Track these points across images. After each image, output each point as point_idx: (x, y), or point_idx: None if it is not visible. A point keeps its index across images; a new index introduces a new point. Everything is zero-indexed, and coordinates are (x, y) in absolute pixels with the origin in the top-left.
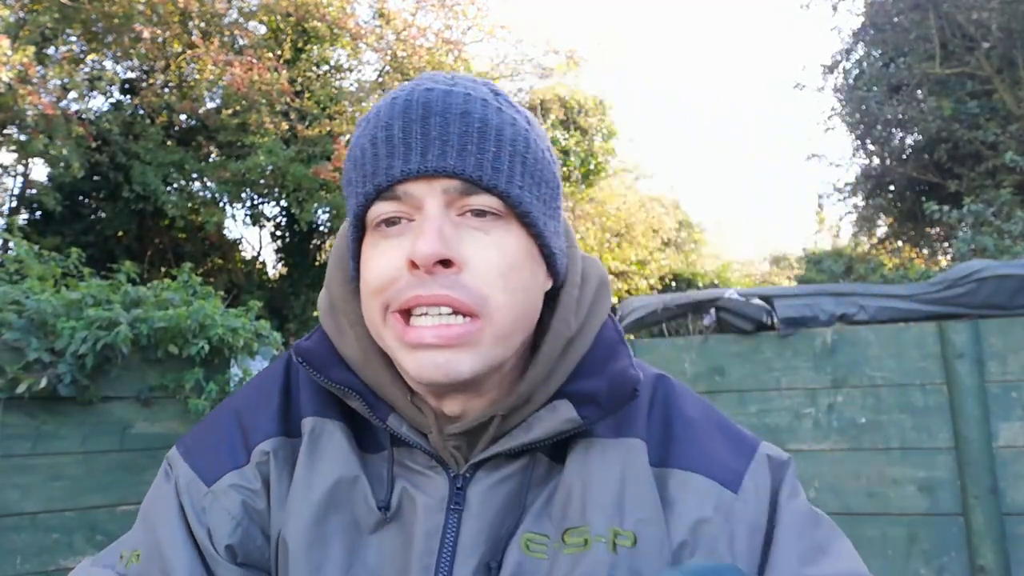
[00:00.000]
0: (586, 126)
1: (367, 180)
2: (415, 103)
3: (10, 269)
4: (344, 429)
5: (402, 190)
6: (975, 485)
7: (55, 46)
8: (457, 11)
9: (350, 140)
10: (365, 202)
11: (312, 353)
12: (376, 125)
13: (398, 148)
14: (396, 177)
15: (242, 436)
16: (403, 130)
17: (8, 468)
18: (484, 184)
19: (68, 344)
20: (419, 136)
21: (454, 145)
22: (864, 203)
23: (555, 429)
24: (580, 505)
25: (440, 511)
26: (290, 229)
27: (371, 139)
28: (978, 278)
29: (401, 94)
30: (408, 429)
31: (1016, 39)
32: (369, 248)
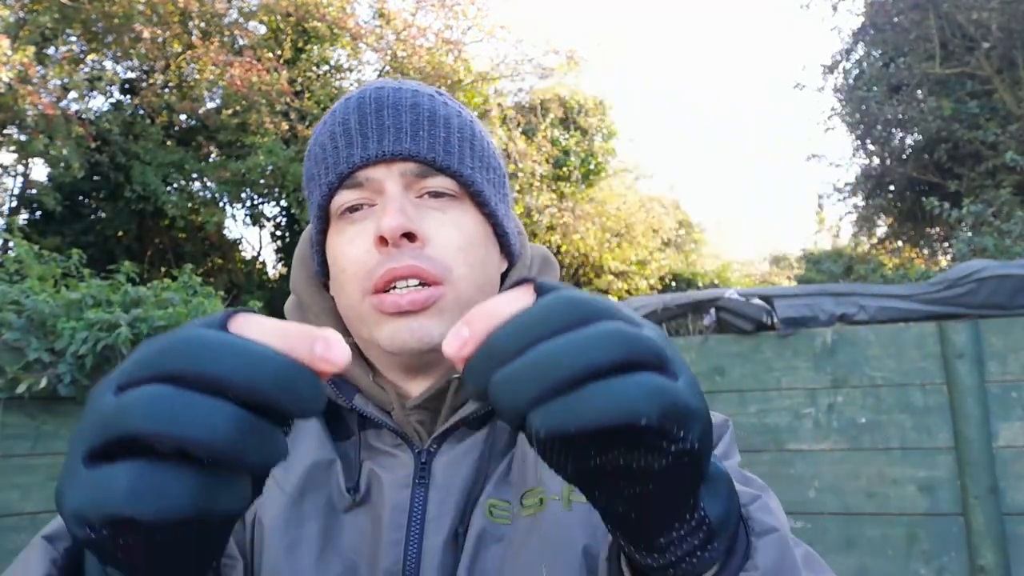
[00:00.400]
0: (586, 126)
1: (329, 171)
2: (368, 99)
3: (10, 269)
4: (319, 417)
5: (363, 176)
6: (975, 485)
7: (55, 46)
8: (457, 11)
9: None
10: (329, 192)
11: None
12: (333, 122)
13: (355, 138)
14: (356, 163)
15: None
16: (359, 122)
17: (8, 468)
18: (438, 165)
19: (68, 344)
20: (374, 126)
21: (407, 131)
22: (864, 203)
23: None
24: (534, 467)
25: (406, 487)
26: (290, 229)
27: (330, 135)
28: (978, 278)
29: (353, 95)
30: (373, 408)
31: (1016, 39)
32: (336, 236)
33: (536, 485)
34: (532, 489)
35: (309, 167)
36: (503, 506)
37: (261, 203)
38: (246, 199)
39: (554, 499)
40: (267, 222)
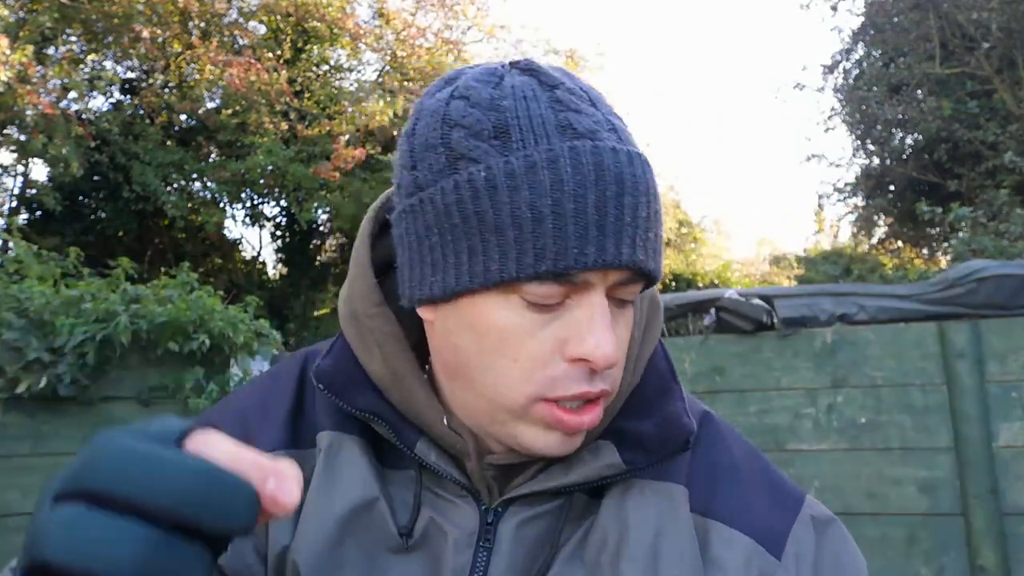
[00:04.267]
0: None
1: (544, 257)
2: (608, 172)
3: (10, 269)
4: (363, 445)
5: (581, 277)
6: (975, 485)
7: (55, 46)
8: (457, 11)
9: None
10: (533, 276)
11: (334, 376)
12: (561, 189)
13: (591, 231)
14: (587, 266)
15: (244, 440)
16: (597, 208)
17: (8, 468)
18: (652, 276)
19: (67, 340)
20: (613, 219)
21: (642, 233)
22: (864, 203)
23: (595, 474)
24: (614, 553)
25: (469, 547)
26: (290, 229)
27: (554, 204)
28: (978, 278)
29: (583, 148)
30: (438, 457)
31: (1016, 39)
32: (508, 315)
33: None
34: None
35: (493, 215)
36: None
37: (261, 203)
38: (246, 199)
39: None
40: (267, 222)
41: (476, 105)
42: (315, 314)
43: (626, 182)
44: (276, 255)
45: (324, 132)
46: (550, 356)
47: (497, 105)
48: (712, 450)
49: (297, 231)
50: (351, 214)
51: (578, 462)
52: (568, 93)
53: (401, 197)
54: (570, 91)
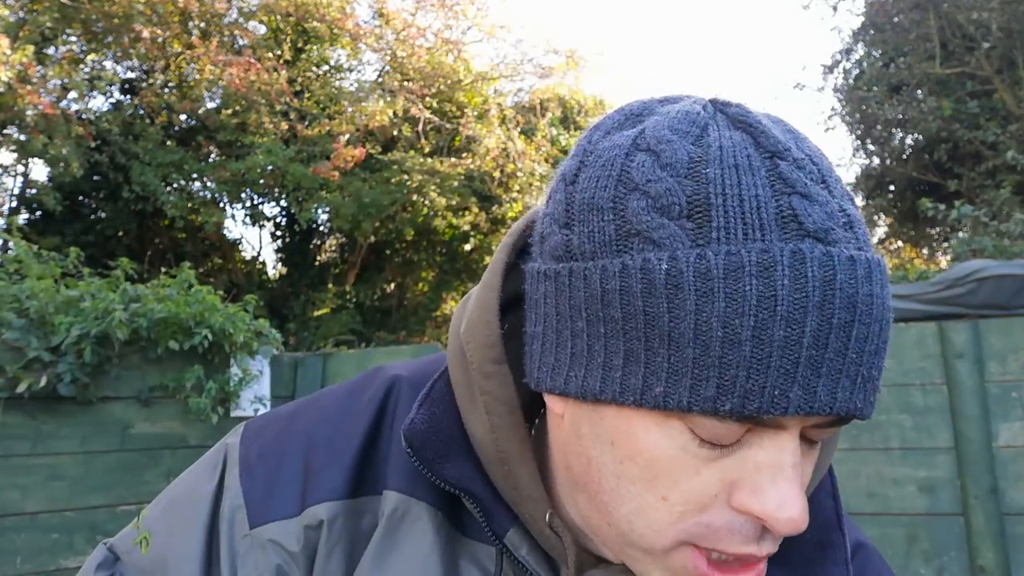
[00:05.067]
0: (586, 126)
1: (731, 393)
2: (839, 292)
3: (10, 269)
4: (435, 515)
5: (774, 420)
6: (975, 485)
7: (55, 46)
8: (457, 11)
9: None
10: (711, 411)
11: (427, 439)
12: (770, 306)
13: (801, 369)
14: (787, 412)
15: (303, 477)
16: (816, 339)
17: (8, 468)
18: (863, 417)
19: (65, 338)
20: (834, 355)
21: (865, 373)
22: (864, 203)
23: None
24: None
25: None
26: (290, 229)
27: (756, 328)
28: (978, 278)
29: (812, 255)
30: (529, 552)
31: (1016, 39)
32: (668, 443)
33: None
34: None
35: (669, 322)
36: None
37: (261, 203)
38: (246, 199)
39: None
40: (267, 222)
41: (668, 167)
42: (315, 314)
43: (859, 307)
44: (276, 255)
45: (324, 132)
46: (712, 499)
47: (697, 173)
48: None
49: (297, 231)
50: (351, 214)
51: None
52: (795, 167)
53: (546, 255)
54: (797, 163)
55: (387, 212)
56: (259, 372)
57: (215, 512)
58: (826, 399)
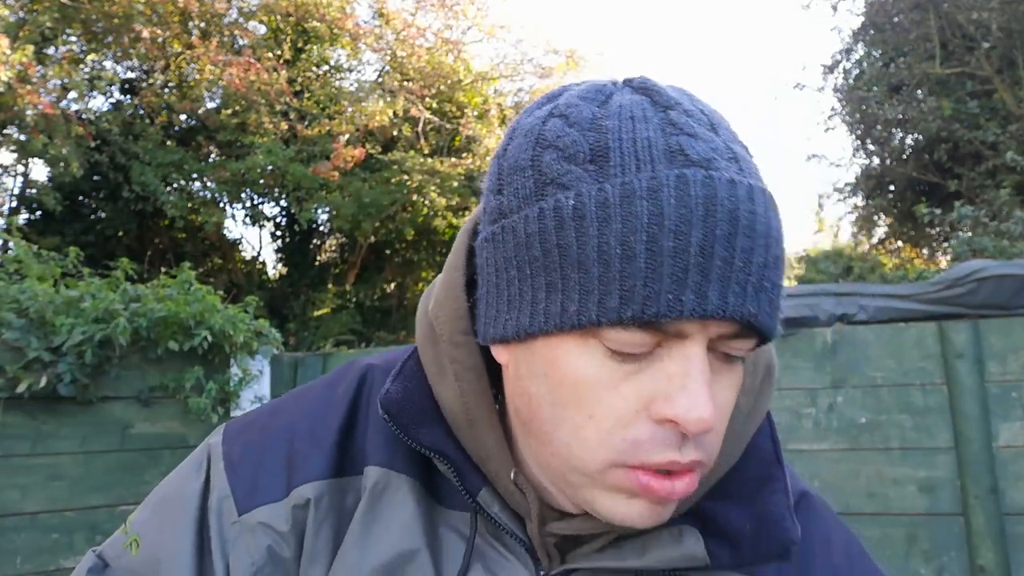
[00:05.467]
0: None
1: (632, 300)
2: (720, 207)
3: (10, 269)
4: (414, 486)
5: (674, 327)
6: (975, 485)
7: (55, 46)
8: (457, 11)
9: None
10: (617, 321)
11: (402, 406)
12: (658, 221)
13: (692, 275)
14: (682, 315)
15: (287, 464)
16: (701, 250)
17: (8, 468)
18: (765, 331)
19: (66, 340)
20: (721, 263)
21: (754, 282)
22: (864, 203)
23: (672, 562)
24: None
25: None
26: (290, 229)
27: (649, 240)
28: (978, 278)
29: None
30: (500, 510)
31: (1016, 39)
32: (587, 364)
33: None
34: None
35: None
36: None
37: (261, 203)
38: (246, 199)
39: None
40: (267, 222)
41: (575, 124)
42: (315, 314)
43: (741, 220)
44: (276, 255)
45: (324, 132)
46: (634, 415)
47: (598, 125)
48: (808, 540)
49: (297, 231)
50: (351, 214)
51: (656, 544)
52: (684, 115)
53: (485, 223)
54: (687, 112)
55: (387, 212)
56: (259, 372)
57: (203, 507)
58: (717, 303)
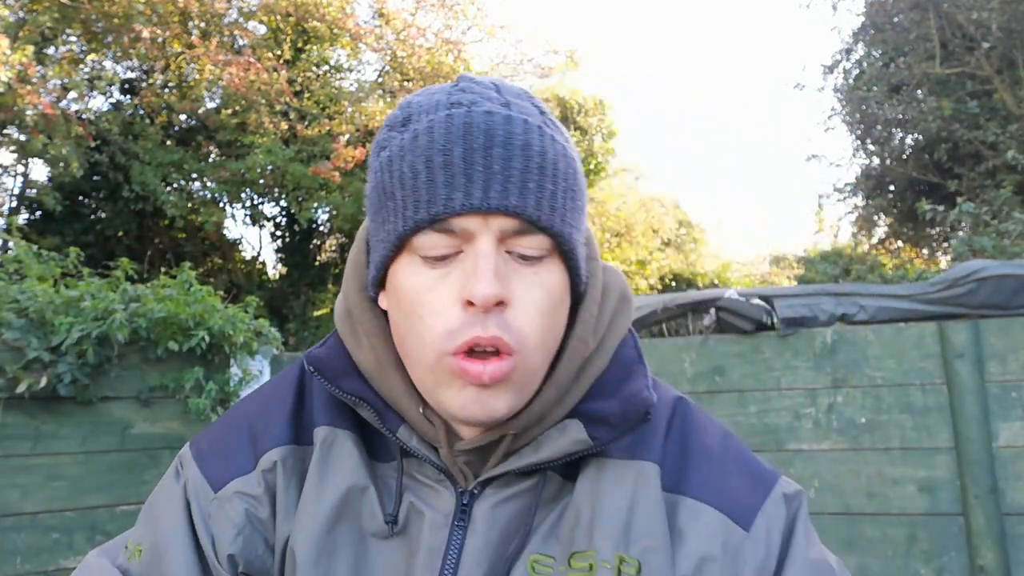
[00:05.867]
0: (586, 126)
1: (420, 206)
2: (476, 128)
3: (10, 269)
4: (355, 439)
5: (458, 224)
6: (975, 485)
7: (55, 46)
8: (457, 11)
9: (386, 145)
10: (415, 227)
11: (324, 362)
12: (431, 145)
13: (458, 178)
14: (455, 211)
15: (251, 442)
16: (464, 158)
17: (8, 468)
18: (541, 224)
19: (65, 339)
20: (481, 167)
21: (516, 182)
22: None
23: (564, 450)
24: (588, 528)
25: (444, 527)
26: (290, 229)
27: (426, 160)
28: (978, 278)
29: (458, 113)
30: (418, 442)
31: (1016, 39)
32: (412, 275)
33: (588, 548)
34: (583, 551)
35: (389, 183)
36: (547, 561)
37: (261, 203)
38: (246, 199)
39: (605, 567)
40: (267, 222)
41: (399, 107)
42: (315, 314)
43: (496, 136)
44: (276, 255)
45: (324, 132)
46: (448, 308)
47: (410, 102)
48: (685, 432)
49: (297, 231)
50: (351, 214)
51: (547, 441)
52: (472, 83)
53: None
54: (474, 82)
55: None
56: (259, 372)
57: (187, 499)
58: (480, 197)
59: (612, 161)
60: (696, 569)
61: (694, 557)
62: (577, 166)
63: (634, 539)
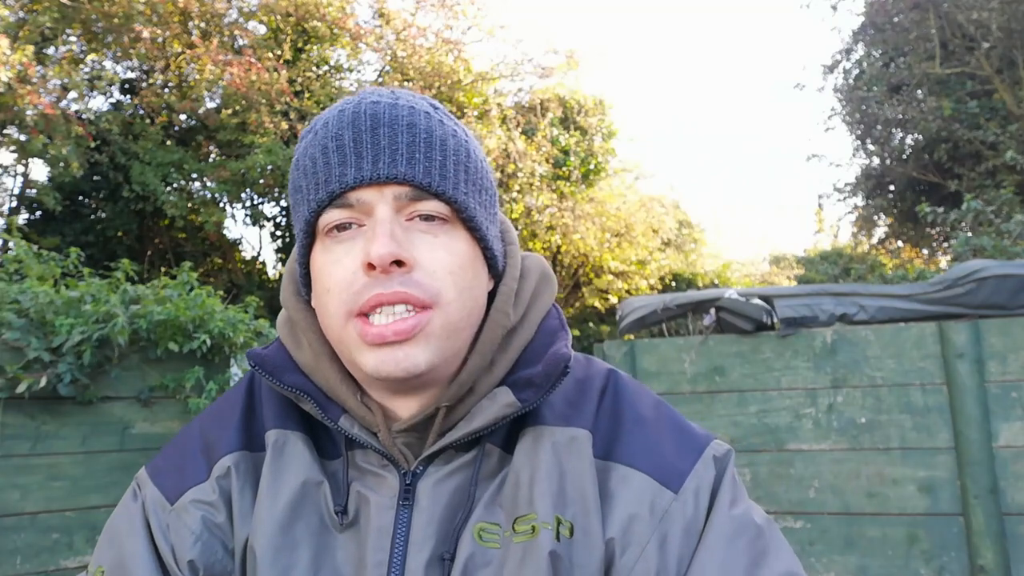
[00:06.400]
0: (586, 126)
1: (320, 187)
2: (363, 115)
3: (10, 269)
4: (305, 439)
5: (354, 197)
6: (975, 485)
7: (55, 46)
8: (457, 11)
9: (296, 151)
10: (317, 208)
11: (267, 359)
12: (326, 135)
13: (349, 156)
14: (349, 184)
15: (205, 452)
16: (354, 139)
17: (8, 468)
18: (433, 190)
19: (66, 340)
20: (369, 145)
21: (403, 153)
22: (864, 203)
23: (495, 415)
24: (528, 492)
25: (391, 508)
26: (290, 229)
27: (322, 148)
28: (978, 278)
29: (348, 107)
30: (360, 429)
31: (1016, 39)
32: (322, 254)
33: (529, 512)
34: (525, 515)
35: (296, 178)
36: (493, 529)
37: (261, 203)
38: (246, 199)
39: (546, 527)
40: (267, 222)
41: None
42: None
43: (381, 118)
44: (276, 255)
45: None
46: (352, 275)
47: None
48: (617, 401)
49: None
50: None
51: (478, 411)
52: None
53: None
54: (376, 92)
55: None
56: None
57: (145, 516)
58: (369, 170)
59: (612, 161)
60: (624, 531)
61: (621, 517)
62: (471, 148)
63: (568, 502)
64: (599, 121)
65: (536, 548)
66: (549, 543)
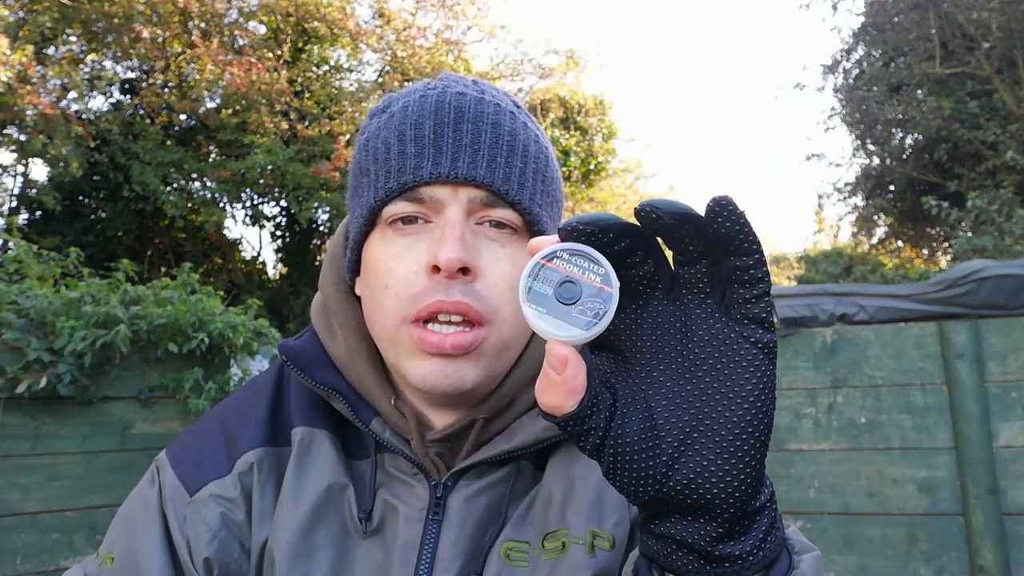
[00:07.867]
0: (586, 126)
1: (391, 176)
2: (447, 105)
3: (10, 269)
4: (332, 439)
5: (427, 192)
6: (975, 485)
7: (55, 46)
8: (457, 11)
9: (365, 130)
10: (385, 197)
11: (299, 353)
12: (404, 121)
13: (428, 149)
14: (424, 178)
15: (227, 445)
16: (434, 131)
17: (8, 468)
18: (509, 198)
19: (67, 343)
20: (451, 140)
21: (484, 155)
22: (864, 203)
23: (537, 436)
24: (560, 508)
25: (419, 521)
26: (290, 229)
27: (399, 134)
28: (978, 278)
29: (432, 93)
30: (391, 434)
31: (1016, 39)
32: (382, 245)
33: (560, 527)
34: (555, 531)
35: (364, 160)
36: (521, 547)
37: (261, 203)
38: (246, 199)
39: (577, 543)
40: (267, 222)
41: (383, 99)
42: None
43: (467, 113)
44: (276, 255)
45: (324, 132)
46: (415, 276)
47: (392, 94)
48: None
49: (297, 231)
50: None
51: (519, 428)
52: (453, 77)
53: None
54: (457, 76)
55: None
56: (259, 372)
57: (161, 504)
58: (448, 167)
59: (612, 161)
60: None
61: None
62: (549, 156)
63: (607, 514)
64: (599, 121)
65: (565, 565)
66: (582, 558)
